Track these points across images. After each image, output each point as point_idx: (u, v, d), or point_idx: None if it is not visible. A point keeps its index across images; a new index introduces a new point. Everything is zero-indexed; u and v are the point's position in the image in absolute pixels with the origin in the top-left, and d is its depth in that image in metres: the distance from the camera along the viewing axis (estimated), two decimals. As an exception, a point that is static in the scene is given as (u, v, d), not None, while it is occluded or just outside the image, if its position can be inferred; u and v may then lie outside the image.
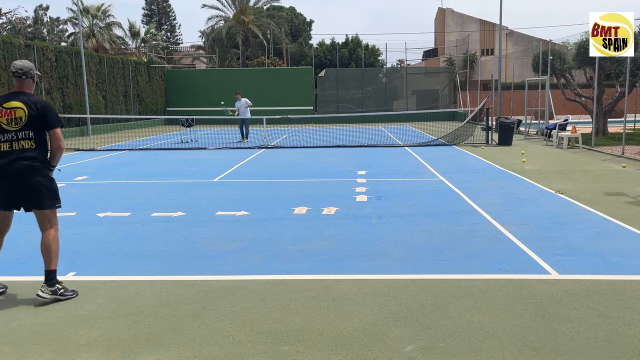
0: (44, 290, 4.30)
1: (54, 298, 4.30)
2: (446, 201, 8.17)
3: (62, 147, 4.46)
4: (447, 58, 42.84)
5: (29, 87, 4.50)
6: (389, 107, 37.03)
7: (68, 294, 4.38)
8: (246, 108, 19.93)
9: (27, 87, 4.47)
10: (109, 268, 5.18)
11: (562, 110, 25.54)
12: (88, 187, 10.08)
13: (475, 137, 18.21)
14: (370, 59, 47.04)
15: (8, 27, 45.94)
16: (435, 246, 5.73)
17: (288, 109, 32.29)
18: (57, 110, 4.48)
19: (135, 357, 3.40)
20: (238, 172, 11.85)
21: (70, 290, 4.43)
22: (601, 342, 3.50)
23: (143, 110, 33.09)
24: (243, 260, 5.36)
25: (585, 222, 6.76)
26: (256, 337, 3.65)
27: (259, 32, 44.69)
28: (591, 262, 5.14)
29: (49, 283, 4.33)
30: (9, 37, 21.57)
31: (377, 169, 11.98)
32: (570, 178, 10.24)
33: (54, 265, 4.36)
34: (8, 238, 6.33)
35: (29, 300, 4.39)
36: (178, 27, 73.30)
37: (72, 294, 4.41)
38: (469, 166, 12.25)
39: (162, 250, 5.79)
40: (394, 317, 3.92)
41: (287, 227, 6.69)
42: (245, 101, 20.04)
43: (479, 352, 3.37)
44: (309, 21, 56.12)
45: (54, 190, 4.45)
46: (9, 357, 3.42)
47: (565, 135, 16.16)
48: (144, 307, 4.20)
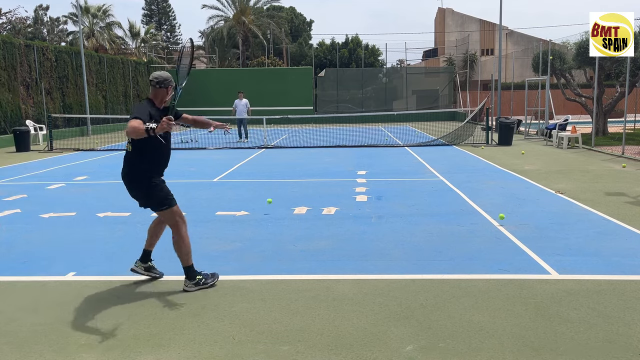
0: (188, 285, 4.54)
1: (198, 289, 4.52)
2: (446, 201, 8.17)
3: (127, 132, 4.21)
4: (447, 58, 42.85)
5: (157, 96, 4.48)
6: (389, 107, 37.02)
7: (209, 281, 4.59)
8: (245, 108, 20.02)
9: (156, 95, 4.49)
10: (109, 268, 5.18)
11: (562, 110, 25.53)
12: (88, 187, 10.08)
13: (475, 137, 18.21)
14: (370, 59, 47.05)
15: (8, 27, 45.93)
16: (435, 246, 5.73)
17: (288, 109, 32.27)
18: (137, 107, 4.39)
19: (135, 357, 3.40)
20: (238, 172, 11.85)
21: (210, 275, 4.64)
22: (601, 342, 3.50)
23: (143, 110, 33.05)
24: (243, 260, 5.36)
25: (585, 222, 6.75)
26: (256, 337, 3.65)
27: (259, 32, 44.70)
28: (591, 262, 5.14)
29: (189, 277, 4.55)
30: (9, 37, 21.57)
31: (377, 169, 11.98)
32: (570, 178, 10.24)
33: (184, 262, 4.56)
34: (8, 238, 6.36)
35: (29, 300, 4.39)
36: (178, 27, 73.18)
37: (212, 279, 4.62)
38: (469, 166, 12.25)
39: (162, 250, 5.77)
40: (394, 317, 3.92)
41: (287, 227, 6.69)
42: (246, 102, 20.16)
43: (479, 352, 3.37)
44: (309, 21, 56.16)
45: (155, 193, 4.53)
46: (9, 357, 3.42)
47: (565, 135, 16.16)
48: (144, 307, 4.20)
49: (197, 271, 4.59)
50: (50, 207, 8.11)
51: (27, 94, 21.61)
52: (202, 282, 4.56)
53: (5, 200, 8.76)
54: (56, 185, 10.25)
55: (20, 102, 21.03)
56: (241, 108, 20.07)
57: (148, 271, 4.79)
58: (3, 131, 19.70)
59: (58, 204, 8.41)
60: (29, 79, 21.71)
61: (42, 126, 20.94)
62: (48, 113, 21.04)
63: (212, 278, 4.63)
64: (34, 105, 21.93)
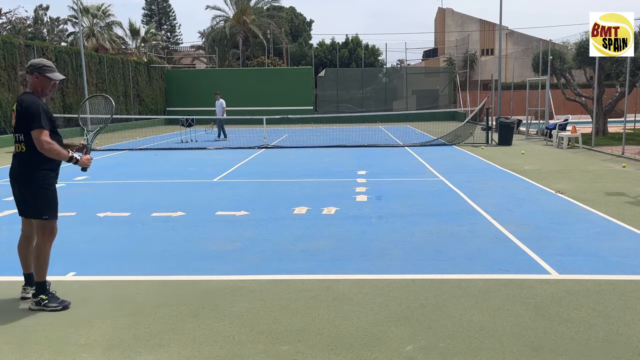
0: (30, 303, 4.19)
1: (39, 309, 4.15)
2: (446, 201, 8.16)
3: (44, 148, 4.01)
4: (447, 58, 42.86)
5: (31, 84, 4.19)
6: (389, 107, 37.03)
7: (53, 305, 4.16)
8: (220, 108, 20.73)
9: (30, 84, 4.20)
10: (109, 268, 5.18)
11: (562, 110, 25.54)
12: (88, 187, 10.08)
13: (475, 137, 18.21)
14: (370, 59, 47.05)
15: (8, 27, 45.93)
16: (435, 246, 5.73)
17: (288, 109, 32.28)
18: (39, 108, 4.02)
19: (135, 357, 3.40)
20: (238, 172, 11.85)
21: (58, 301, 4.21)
22: (601, 342, 3.50)
23: (143, 110, 33.10)
24: (243, 260, 5.36)
25: (585, 222, 6.75)
26: (256, 337, 3.65)
27: (259, 32, 44.70)
28: (591, 262, 5.14)
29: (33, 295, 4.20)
30: (9, 37, 21.57)
31: (377, 169, 11.98)
32: (570, 178, 10.24)
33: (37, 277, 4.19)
34: (8, 238, 6.35)
35: (29, 300, 4.38)
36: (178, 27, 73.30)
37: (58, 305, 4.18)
38: (469, 166, 12.24)
39: (162, 250, 5.79)
40: (394, 317, 3.92)
41: (287, 227, 6.69)
42: (221, 102, 20.89)
43: (479, 352, 3.37)
44: (309, 21, 56.15)
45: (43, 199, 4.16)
46: (9, 357, 3.42)
47: (565, 135, 16.15)
48: (144, 307, 4.20)
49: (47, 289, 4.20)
50: (50, 207, 8.10)
51: (27, 94, 21.60)
52: (46, 305, 4.14)
53: (5, 200, 8.75)
54: (56, 185, 10.23)
55: (20, 102, 21.02)
56: (217, 108, 20.64)
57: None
58: (3, 131, 19.70)
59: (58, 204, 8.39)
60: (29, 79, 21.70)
61: (42, 126, 20.93)
62: (48, 113, 21.04)
63: (61, 304, 4.16)
64: (34, 105, 21.91)
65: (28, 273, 4.42)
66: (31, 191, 4.16)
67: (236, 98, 33.95)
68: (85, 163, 4.31)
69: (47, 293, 4.20)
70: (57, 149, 4.07)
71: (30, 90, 4.21)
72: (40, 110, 4.05)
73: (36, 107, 4.04)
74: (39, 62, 4.21)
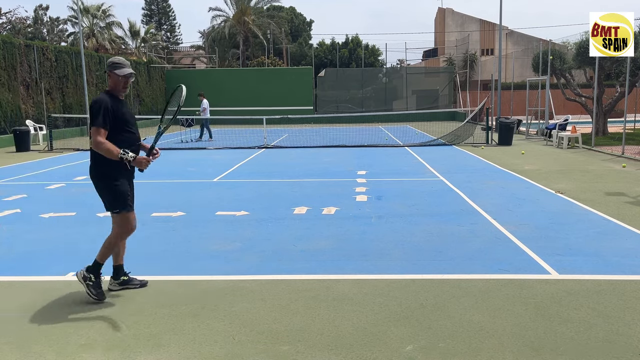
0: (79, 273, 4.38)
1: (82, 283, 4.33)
2: (446, 201, 8.17)
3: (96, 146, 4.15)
4: (447, 58, 42.86)
5: (108, 83, 4.37)
6: (389, 107, 37.03)
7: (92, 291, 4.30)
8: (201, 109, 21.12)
9: (108, 83, 4.38)
10: (109, 268, 5.17)
11: (562, 110, 25.53)
12: (88, 187, 10.03)
13: (475, 137, 18.21)
14: (370, 59, 47.06)
15: (8, 27, 45.93)
16: (435, 246, 5.73)
17: (288, 109, 32.28)
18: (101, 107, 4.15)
19: (135, 357, 3.40)
20: (238, 172, 11.85)
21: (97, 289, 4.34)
22: (601, 342, 3.50)
23: (143, 110, 33.10)
24: (243, 260, 5.36)
25: (585, 222, 6.75)
26: (256, 337, 3.65)
27: (259, 32, 44.72)
28: (591, 262, 5.14)
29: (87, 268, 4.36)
30: (9, 37, 21.57)
31: (377, 169, 11.98)
32: (570, 178, 10.24)
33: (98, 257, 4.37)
34: (8, 238, 6.36)
35: (29, 300, 4.38)
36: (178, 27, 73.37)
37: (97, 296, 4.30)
38: (469, 166, 12.24)
39: (162, 250, 5.79)
40: (394, 317, 3.92)
41: (287, 227, 6.68)
42: (204, 103, 21.22)
43: (479, 352, 3.37)
44: (309, 21, 56.16)
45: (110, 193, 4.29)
46: (9, 357, 3.42)
47: (565, 135, 16.15)
48: (144, 307, 4.20)
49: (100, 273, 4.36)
50: (50, 207, 8.11)
51: (27, 94, 21.61)
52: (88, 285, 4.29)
53: (5, 200, 8.76)
54: (56, 185, 10.25)
55: (20, 102, 21.03)
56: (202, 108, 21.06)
57: (125, 285, 4.60)
58: (3, 131, 19.70)
59: (58, 204, 8.41)
60: (29, 79, 21.71)
61: (42, 126, 20.95)
62: (48, 113, 21.06)
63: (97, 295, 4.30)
64: (34, 105, 21.93)
65: (117, 265, 4.60)
66: (99, 185, 4.33)
67: (236, 98, 33.96)
68: (139, 164, 4.26)
69: (97, 277, 4.34)
70: (108, 148, 4.13)
71: (108, 88, 4.37)
72: (102, 109, 4.15)
73: (97, 106, 4.17)
74: (111, 60, 4.42)
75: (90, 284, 4.29)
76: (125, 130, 4.29)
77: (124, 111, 4.32)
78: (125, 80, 4.34)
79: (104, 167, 4.25)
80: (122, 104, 4.35)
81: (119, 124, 4.24)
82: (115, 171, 4.27)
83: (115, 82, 4.33)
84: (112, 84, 4.34)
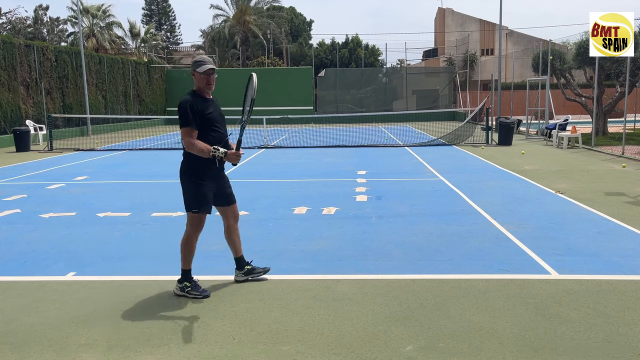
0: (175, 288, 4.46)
1: (182, 295, 4.40)
2: (446, 201, 8.16)
3: (188, 147, 4.21)
4: (447, 58, 42.85)
5: (194, 82, 4.36)
6: (389, 107, 37.02)
7: (194, 293, 4.38)
8: None
9: (194, 82, 4.37)
10: (109, 268, 5.18)
11: (562, 110, 25.53)
12: (88, 187, 10.08)
13: (475, 137, 18.21)
14: (370, 59, 47.05)
15: (8, 27, 45.91)
16: (435, 246, 5.73)
17: (288, 109, 32.28)
18: (187, 107, 4.17)
19: (135, 357, 3.40)
20: (238, 172, 11.85)
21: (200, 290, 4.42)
22: (601, 342, 3.50)
23: (143, 110, 33.11)
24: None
25: (585, 222, 6.75)
26: (256, 337, 3.65)
27: (259, 32, 44.72)
28: (591, 262, 5.14)
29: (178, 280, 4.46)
30: (9, 37, 21.56)
31: (377, 169, 11.98)
32: (570, 178, 10.24)
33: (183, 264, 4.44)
34: (8, 238, 6.36)
35: (29, 300, 4.39)
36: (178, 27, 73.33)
37: (199, 293, 4.39)
38: (469, 166, 12.24)
39: (162, 250, 5.78)
40: (394, 317, 3.92)
41: (287, 227, 6.68)
42: None
43: (479, 352, 3.37)
44: (309, 21, 56.13)
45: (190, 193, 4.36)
46: (9, 357, 3.42)
47: (565, 135, 16.15)
48: (144, 307, 4.20)
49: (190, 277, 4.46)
50: (50, 207, 8.11)
51: (27, 94, 21.61)
52: (186, 289, 4.40)
53: (5, 200, 8.76)
54: (56, 185, 10.25)
55: (20, 102, 21.03)
56: None
57: (249, 274, 4.70)
58: (3, 131, 19.71)
59: (58, 204, 8.41)
60: (29, 79, 21.71)
61: (42, 126, 20.95)
62: (48, 113, 21.06)
63: (201, 293, 4.39)
64: (34, 105, 21.93)
65: (237, 257, 4.72)
66: (184, 183, 4.39)
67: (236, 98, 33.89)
68: (231, 159, 4.32)
69: (191, 281, 4.43)
70: (200, 148, 4.19)
71: (194, 88, 4.38)
72: (187, 109, 4.19)
73: (183, 107, 4.21)
74: (193, 60, 4.41)
75: (189, 289, 4.39)
76: (211, 129, 4.33)
77: (210, 110, 4.33)
78: (207, 78, 4.32)
79: (192, 167, 4.33)
80: (208, 102, 4.36)
81: (204, 123, 4.28)
82: (201, 171, 4.34)
83: (198, 81, 4.33)
84: (196, 83, 4.35)
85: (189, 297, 4.36)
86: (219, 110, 4.52)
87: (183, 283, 4.42)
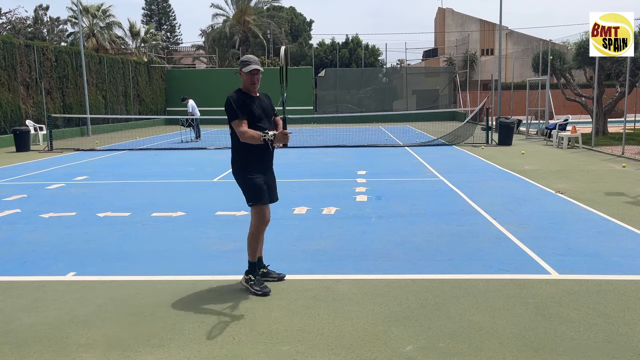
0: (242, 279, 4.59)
1: (245, 287, 4.51)
2: (446, 201, 8.16)
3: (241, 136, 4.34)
4: (447, 58, 42.85)
5: (242, 82, 4.52)
6: (389, 107, 37.00)
7: (256, 289, 4.44)
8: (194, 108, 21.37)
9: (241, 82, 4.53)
10: (109, 268, 5.18)
11: (562, 110, 25.52)
12: (88, 187, 10.08)
13: (475, 137, 18.21)
14: (370, 59, 47.04)
15: (8, 27, 45.91)
16: (435, 246, 5.73)
17: (288, 108, 32.15)
18: (231, 102, 4.35)
19: (135, 357, 3.40)
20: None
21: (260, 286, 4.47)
22: (601, 342, 3.50)
23: (143, 110, 33.10)
24: (243, 260, 5.33)
25: (585, 222, 6.75)
26: (256, 337, 3.65)
27: (259, 32, 44.72)
28: (591, 262, 5.14)
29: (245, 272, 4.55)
30: (9, 37, 21.56)
31: (377, 169, 11.98)
32: (570, 178, 10.24)
33: (249, 256, 4.54)
34: (8, 238, 6.36)
35: (29, 300, 4.39)
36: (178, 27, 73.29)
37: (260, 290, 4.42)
38: (469, 166, 12.24)
39: (162, 250, 5.79)
40: (394, 317, 3.92)
41: (287, 227, 6.68)
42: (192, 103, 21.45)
43: (479, 352, 3.37)
44: (309, 21, 56.12)
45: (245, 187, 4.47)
46: (9, 357, 3.42)
47: (565, 135, 16.15)
48: (144, 307, 4.20)
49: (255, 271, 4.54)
50: (50, 207, 8.11)
51: (27, 94, 21.61)
52: (249, 282, 4.49)
53: (5, 200, 8.76)
54: (56, 185, 10.25)
55: (20, 102, 21.03)
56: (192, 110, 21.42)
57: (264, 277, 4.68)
58: (3, 131, 19.71)
59: (58, 204, 8.41)
60: (29, 79, 21.71)
61: (42, 126, 20.95)
62: (48, 113, 21.05)
63: (261, 290, 4.43)
64: (34, 105, 21.93)
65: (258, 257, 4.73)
66: (238, 180, 4.57)
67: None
68: (280, 139, 4.37)
69: (255, 275, 4.52)
70: (251, 135, 4.31)
71: (240, 86, 4.56)
72: (232, 104, 4.36)
73: (228, 103, 4.39)
74: (240, 60, 4.57)
75: (252, 283, 4.46)
76: (255, 126, 4.44)
77: (254, 108, 4.47)
78: (251, 77, 4.47)
79: (240, 162, 4.51)
80: (254, 101, 4.51)
81: (249, 120, 4.41)
82: (249, 165, 4.48)
83: (244, 80, 4.50)
84: (243, 82, 4.52)
85: (250, 290, 4.43)
86: (266, 105, 4.69)
87: (249, 275, 4.51)
